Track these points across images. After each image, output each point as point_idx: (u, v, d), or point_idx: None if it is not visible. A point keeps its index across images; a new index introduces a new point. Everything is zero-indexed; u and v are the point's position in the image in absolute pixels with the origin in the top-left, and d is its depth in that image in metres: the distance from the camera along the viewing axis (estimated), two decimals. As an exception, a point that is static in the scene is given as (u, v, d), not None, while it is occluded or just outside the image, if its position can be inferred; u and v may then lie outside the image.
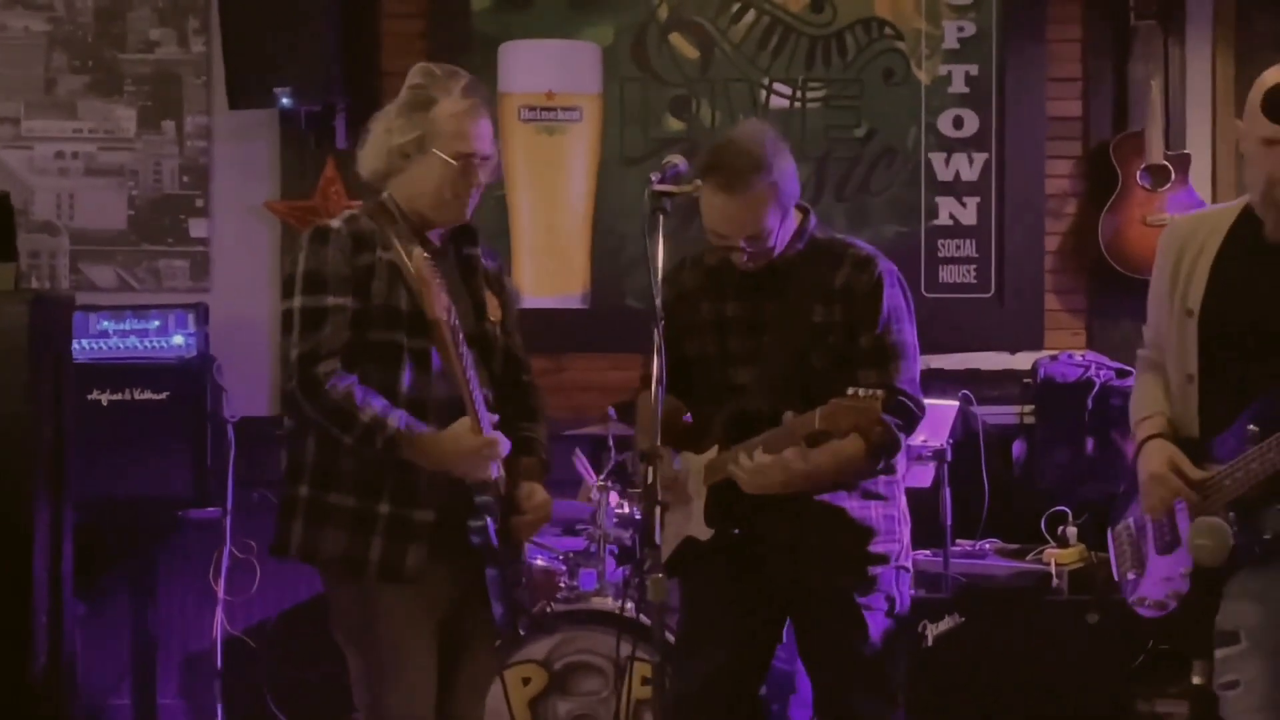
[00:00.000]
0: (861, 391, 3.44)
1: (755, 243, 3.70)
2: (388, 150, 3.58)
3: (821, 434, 3.51)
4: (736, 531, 3.77)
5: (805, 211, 3.86)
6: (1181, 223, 3.68)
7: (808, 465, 3.56)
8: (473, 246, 3.73)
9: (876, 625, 3.76)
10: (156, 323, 5.79)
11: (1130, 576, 3.61)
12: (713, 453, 3.77)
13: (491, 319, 3.69)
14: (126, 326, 5.78)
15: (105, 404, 5.58)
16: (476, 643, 3.71)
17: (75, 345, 5.23)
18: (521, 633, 3.80)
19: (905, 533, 3.86)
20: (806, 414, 3.51)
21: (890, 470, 3.81)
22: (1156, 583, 3.50)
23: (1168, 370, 3.56)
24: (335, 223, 3.56)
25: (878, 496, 3.79)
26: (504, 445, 3.53)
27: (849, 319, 3.70)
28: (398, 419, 3.43)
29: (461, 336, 3.41)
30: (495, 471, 3.53)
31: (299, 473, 3.56)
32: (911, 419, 3.72)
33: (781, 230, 3.74)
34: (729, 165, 3.67)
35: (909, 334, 3.75)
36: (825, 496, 3.73)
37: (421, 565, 3.49)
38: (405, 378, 3.50)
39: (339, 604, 3.60)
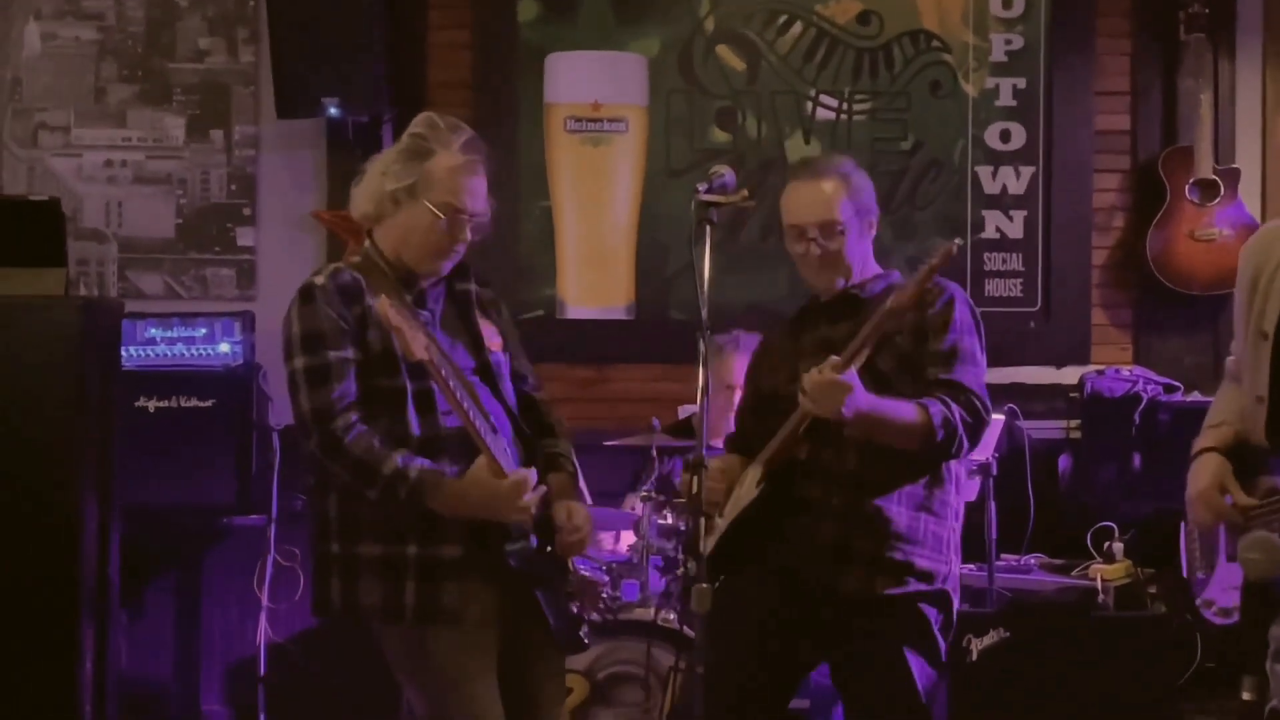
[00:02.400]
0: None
1: (827, 235, 3.75)
2: (379, 194, 3.58)
3: (893, 316, 3.58)
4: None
5: (891, 271, 3.93)
6: (1258, 239, 3.60)
7: (868, 400, 3.55)
8: (465, 281, 3.72)
9: (917, 666, 3.70)
10: (203, 330, 5.82)
11: (1200, 576, 3.59)
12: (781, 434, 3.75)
13: (491, 347, 3.68)
14: (174, 334, 5.81)
15: (152, 411, 5.61)
16: (540, 663, 3.69)
17: (123, 352, 5.25)
18: (586, 642, 3.78)
19: (955, 562, 3.81)
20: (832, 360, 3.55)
21: (943, 502, 3.76)
22: (1225, 589, 3.48)
23: (1242, 387, 3.52)
24: (319, 279, 3.55)
25: (928, 510, 3.75)
26: (531, 479, 3.49)
27: (918, 325, 3.73)
28: (418, 468, 3.42)
29: (447, 370, 3.38)
30: (531, 511, 3.49)
31: (326, 530, 3.57)
32: (978, 418, 3.68)
33: (860, 251, 3.82)
34: (807, 163, 3.99)
35: (978, 351, 3.78)
36: (873, 502, 3.69)
37: (457, 602, 3.48)
38: (413, 420, 3.49)
39: (389, 647, 3.60)
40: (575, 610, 3.69)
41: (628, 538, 5.22)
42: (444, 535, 3.48)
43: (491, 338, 3.70)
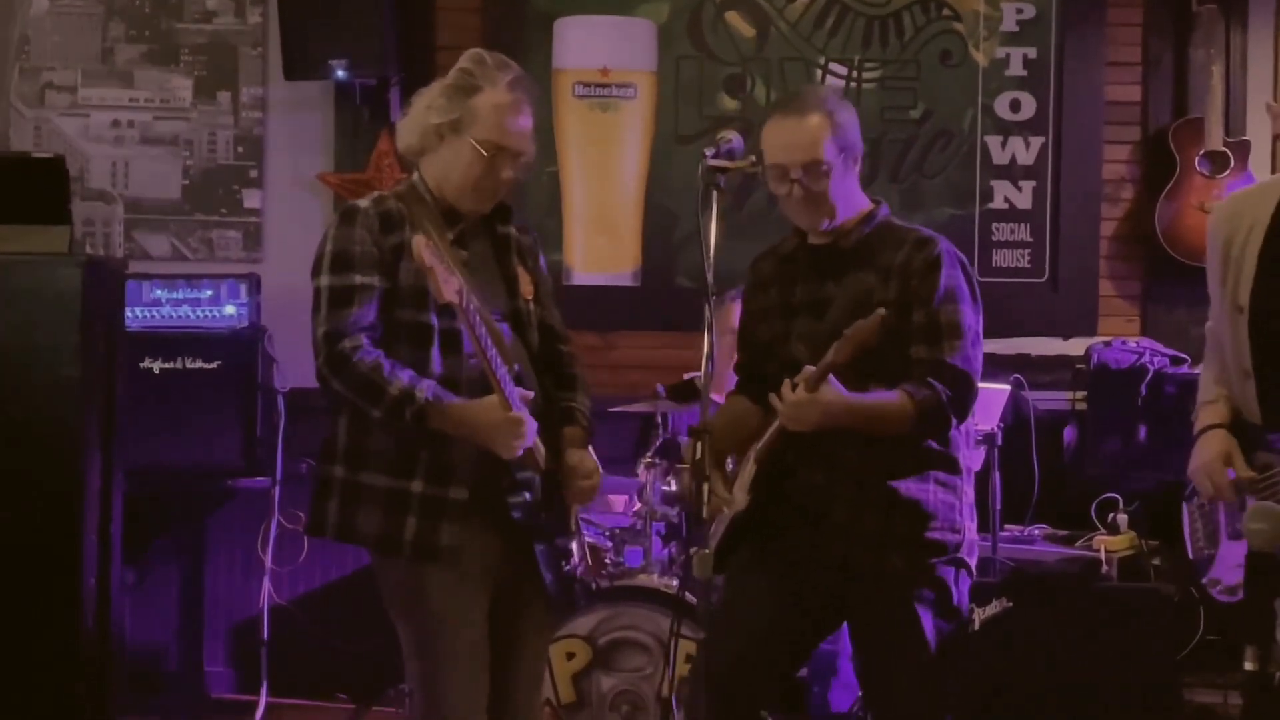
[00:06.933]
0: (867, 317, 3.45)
1: (811, 176, 3.65)
2: (424, 127, 3.58)
3: (839, 366, 3.49)
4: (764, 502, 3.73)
5: (878, 202, 3.84)
6: (1226, 206, 3.59)
7: (846, 401, 3.52)
8: (506, 224, 3.72)
9: (930, 624, 3.68)
10: (209, 292, 5.82)
11: (1206, 553, 3.58)
12: (771, 430, 3.73)
13: (524, 295, 3.68)
14: (179, 295, 5.81)
15: (157, 372, 5.62)
16: (529, 617, 3.70)
17: (128, 314, 5.26)
18: (580, 602, 3.78)
19: (969, 528, 3.77)
20: (808, 372, 3.50)
21: (952, 466, 3.74)
22: (1230, 568, 3.47)
23: (1227, 361, 3.50)
24: (363, 203, 3.56)
25: (937, 482, 3.71)
26: (531, 425, 3.50)
27: (904, 296, 3.65)
28: (426, 389, 3.41)
29: (479, 318, 3.38)
30: (521, 451, 3.49)
31: (332, 453, 3.57)
32: (962, 392, 3.62)
33: (844, 189, 3.71)
34: (790, 97, 3.98)
35: (968, 316, 3.68)
36: (880, 476, 3.66)
37: (456, 544, 3.48)
38: (436, 358, 3.50)
39: (385, 580, 3.61)
40: (573, 569, 3.69)
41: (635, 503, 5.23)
42: (452, 476, 3.49)
43: (525, 285, 3.69)
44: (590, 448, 3.77)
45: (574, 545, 3.72)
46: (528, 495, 3.52)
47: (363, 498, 3.52)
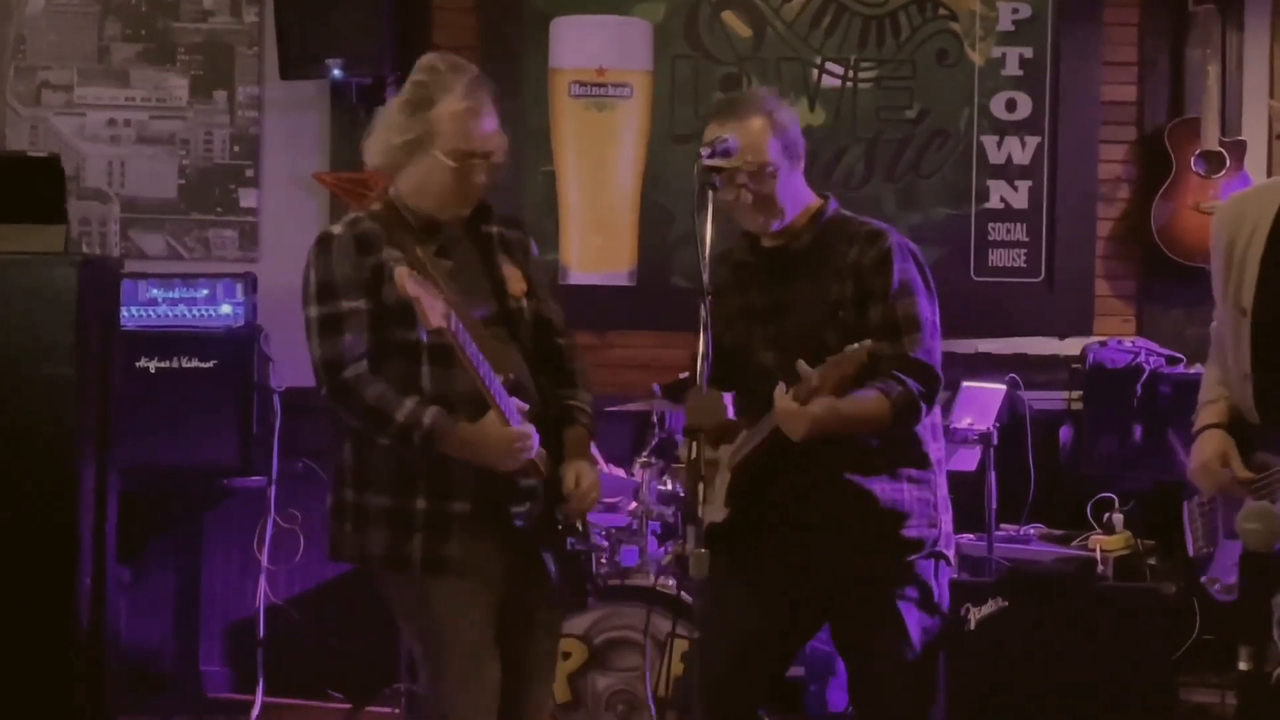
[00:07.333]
0: (851, 346, 3.45)
1: (758, 180, 3.67)
2: (387, 147, 3.57)
3: (823, 390, 3.49)
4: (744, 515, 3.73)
5: (826, 197, 3.85)
6: (1229, 207, 3.57)
7: (835, 410, 3.51)
8: (489, 223, 3.71)
9: (913, 621, 3.70)
10: (205, 292, 5.81)
11: (1205, 551, 3.58)
12: (742, 437, 3.75)
13: (515, 294, 3.67)
14: (175, 295, 5.81)
15: (153, 371, 5.62)
16: (538, 621, 3.70)
17: (124, 313, 5.26)
18: (591, 600, 3.78)
19: (945, 520, 3.80)
20: (806, 375, 3.49)
21: (922, 461, 3.76)
22: (1229, 567, 3.47)
23: (1228, 362, 3.50)
24: (337, 229, 3.57)
25: (911, 480, 3.73)
26: (534, 439, 3.50)
27: (859, 293, 3.67)
28: (431, 416, 3.43)
29: (468, 336, 3.38)
30: (539, 462, 3.51)
31: (343, 476, 3.59)
32: (930, 384, 3.64)
33: (790, 188, 3.72)
34: (727, 103, 3.94)
35: (924, 308, 3.69)
36: (854, 479, 3.68)
37: (463, 556, 3.49)
38: (426, 374, 3.50)
39: (392, 595, 3.62)
40: (582, 567, 3.68)
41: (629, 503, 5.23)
42: (454, 490, 3.49)
43: (514, 282, 3.68)
44: (593, 447, 3.78)
45: (582, 545, 3.72)
46: (530, 504, 3.53)
47: (370, 519, 3.53)
